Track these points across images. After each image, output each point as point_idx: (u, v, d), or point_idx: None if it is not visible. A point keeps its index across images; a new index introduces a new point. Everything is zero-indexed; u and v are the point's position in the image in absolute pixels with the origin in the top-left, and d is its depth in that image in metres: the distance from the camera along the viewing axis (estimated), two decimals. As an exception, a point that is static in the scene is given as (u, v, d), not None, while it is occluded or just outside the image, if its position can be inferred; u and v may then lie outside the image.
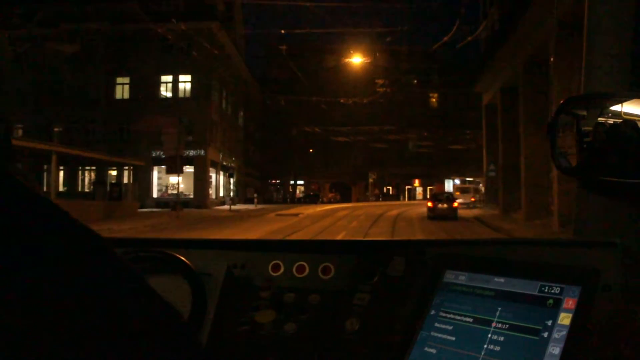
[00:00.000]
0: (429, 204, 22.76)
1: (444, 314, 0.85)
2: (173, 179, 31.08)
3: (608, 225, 0.89)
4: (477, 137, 43.94)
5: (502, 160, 22.08)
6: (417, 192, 57.16)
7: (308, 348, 0.98)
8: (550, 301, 0.76)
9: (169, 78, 32.77)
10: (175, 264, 1.09)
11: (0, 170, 0.34)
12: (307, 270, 1.12)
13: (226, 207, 30.22)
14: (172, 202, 25.67)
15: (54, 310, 0.31)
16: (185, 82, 32.78)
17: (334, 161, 52.61)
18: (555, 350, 0.71)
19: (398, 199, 53.56)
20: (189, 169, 30.13)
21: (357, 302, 0.98)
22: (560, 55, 12.45)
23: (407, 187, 57.06)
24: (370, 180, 51.72)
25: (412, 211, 28.39)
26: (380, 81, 34.34)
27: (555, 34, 12.22)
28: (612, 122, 0.86)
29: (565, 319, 0.73)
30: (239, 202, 38.54)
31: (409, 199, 55.69)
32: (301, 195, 54.47)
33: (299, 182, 56.24)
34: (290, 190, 55.86)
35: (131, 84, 32.57)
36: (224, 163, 36.56)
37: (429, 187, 54.12)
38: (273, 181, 55.76)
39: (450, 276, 0.89)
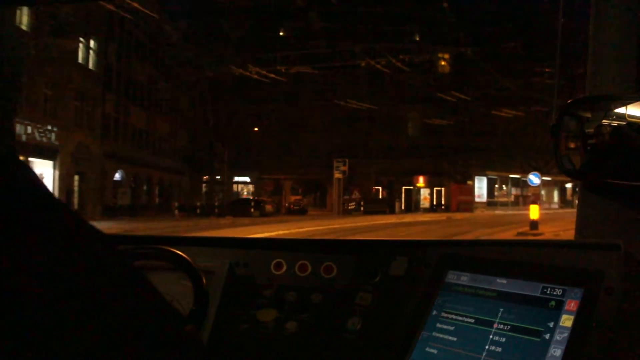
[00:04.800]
0: None
1: (445, 315, 0.85)
2: None
3: (611, 227, 0.88)
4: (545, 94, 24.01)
5: None
6: (422, 197, 36.15)
7: (309, 347, 0.98)
8: (552, 303, 0.76)
9: None
10: (178, 262, 1.10)
11: (6, 162, 0.34)
12: (310, 269, 1.12)
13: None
14: None
15: (54, 307, 0.30)
16: None
17: (296, 145, 33.69)
18: (556, 352, 0.71)
19: (392, 209, 32.88)
20: None
21: (359, 302, 0.98)
22: None
23: (404, 187, 36.22)
24: (337, 174, 30.91)
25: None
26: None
27: None
28: (616, 124, 0.86)
29: (567, 320, 0.73)
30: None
31: (408, 208, 34.81)
32: (250, 196, 34.16)
33: (244, 178, 36.92)
34: (227, 190, 35.12)
35: None
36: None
37: (435, 189, 36.26)
38: (215, 177, 36.27)
39: (452, 277, 0.89)
